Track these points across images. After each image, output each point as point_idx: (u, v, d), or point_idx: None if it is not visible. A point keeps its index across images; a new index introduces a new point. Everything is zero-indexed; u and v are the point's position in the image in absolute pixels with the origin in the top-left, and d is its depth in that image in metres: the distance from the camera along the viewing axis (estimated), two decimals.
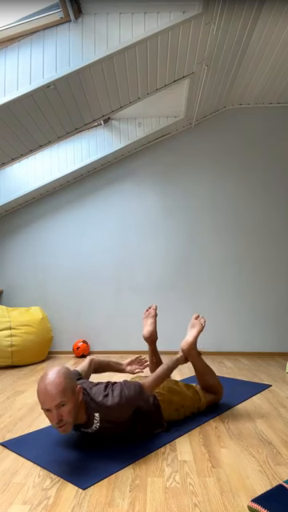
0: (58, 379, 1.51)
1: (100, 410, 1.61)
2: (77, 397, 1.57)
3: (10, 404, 2.42)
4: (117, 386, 1.68)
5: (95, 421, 1.62)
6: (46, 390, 1.48)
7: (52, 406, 1.48)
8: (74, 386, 1.57)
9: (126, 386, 1.68)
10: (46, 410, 1.51)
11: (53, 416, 1.49)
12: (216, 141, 4.34)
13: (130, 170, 4.36)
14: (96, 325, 4.24)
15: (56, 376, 1.52)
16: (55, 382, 1.50)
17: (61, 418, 1.50)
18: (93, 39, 2.53)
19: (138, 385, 1.71)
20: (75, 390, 1.56)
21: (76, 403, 1.55)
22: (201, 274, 4.22)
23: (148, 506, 1.26)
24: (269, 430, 1.93)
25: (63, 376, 1.53)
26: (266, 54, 3.32)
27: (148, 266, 4.26)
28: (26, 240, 4.38)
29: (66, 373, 1.56)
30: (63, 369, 1.58)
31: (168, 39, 2.67)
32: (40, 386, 1.51)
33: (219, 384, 2.24)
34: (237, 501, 1.28)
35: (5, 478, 1.48)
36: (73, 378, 1.59)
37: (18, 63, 2.54)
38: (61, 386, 1.49)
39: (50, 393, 1.48)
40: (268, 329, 4.11)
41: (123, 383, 1.70)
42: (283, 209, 4.23)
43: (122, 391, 1.64)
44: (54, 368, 1.58)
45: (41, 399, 1.50)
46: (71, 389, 1.54)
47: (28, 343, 3.60)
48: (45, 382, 1.51)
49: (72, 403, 1.52)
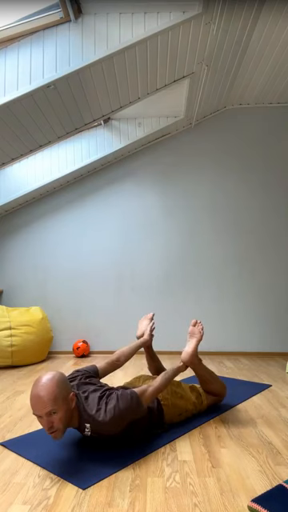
0: (50, 387, 1.49)
1: (91, 422, 1.58)
2: (69, 404, 1.54)
3: (10, 404, 2.42)
4: (112, 399, 1.61)
5: (86, 429, 1.60)
6: (37, 397, 1.47)
7: (43, 414, 1.47)
8: (67, 394, 1.54)
9: (122, 399, 1.60)
10: (37, 416, 1.50)
11: (43, 422, 1.49)
12: (216, 141, 4.34)
13: (130, 170, 4.36)
14: (96, 325, 4.24)
15: (49, 383, 1.50)
16: (48, 389, 1.48)
17: (51, 424, 1.49)
18: (93, 39, 2.53)
19: (135, 396, 1.64)
20: (67, 398, 1.54)
21: (68, 410, 1.53)
22: (201, 274, 4.22)
23: (148, 505, 1.26)
24: (269, 430, 1.93)
25: (56, 384, 1.51)
26: (265, 54, 3.32)
27: (148, 266, 4.26)
28: (25, 240, 4.38)
29: (60, 380, 1.54)
30: (57, 375, 1.55)
31: (168, 39, 2.67)
32: (32, 392, 1.50)
33: (222, 386, 2.22)
34: (237, 501, 1.28)
35: (5, 478, 1.48)
36: (66, 385, 1.56)
37: (18, 63, 2.54)
38: (52, 395, 1.48)
39: (41, 400, 1.47)
40: (268, 329, 4.11)
41: (119, 394, 1.62)
42: (283, 209, 4.23)
43: (116, 406, 1.57)
44: (47, 374, 1.55)
45: (32, 405, 1.49)
46: (63, 397, 1.51)
47: (28, 343, 3.60)
48: (37, 388, 1.49)
49: (63, 411, 1.51)
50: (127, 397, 1.62)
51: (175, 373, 1.95)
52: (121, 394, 1.64)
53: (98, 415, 1.57)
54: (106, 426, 1.57)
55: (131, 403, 1.61)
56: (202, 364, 2.15)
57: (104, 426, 1.57)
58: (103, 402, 1.61)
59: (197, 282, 4.21)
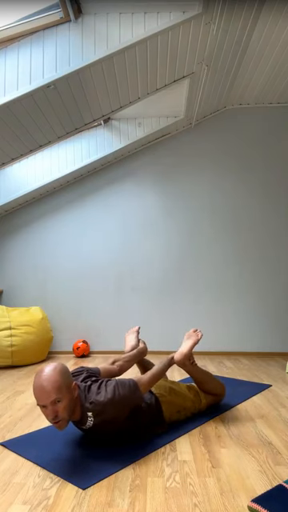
0: (53, 376, 1.52)
1: (93, 408, 1.60)
2: (72, 393, 1.57)
3: (10, 404, 2.42)
4: (111, 383, 1.68)
5: (89, 419, 1.62)
6: (41, 387, 1.50)
7: (47, 403, 1.49)
8: (70, 383, 1.58)
9: (120, 383, 1.67)
10: (41, 406, 1.52)
11: (48, 412, 1.51)
12: (216, 141, 4.34)
13: (130, 170, 4.36)
14: (96, 325, 4.24)
15: (52, 373, 1.53)
16: (51, 378, 1.51)
17: (56, 414, 1.51)
18: (93, 39, 2.53)
19: (132, 383, 1.70)
20: (70, 387, 1.57)
21: (71, 399, 1.56)
22: (201, 274, 4.22)
23: (148, 505, 1.26)
24: (269, 430, 1.93)
25: (59, 373, 1.54)
26: (265, 54, 3.32)
27: (148, 266, 4.26)
28: (26, 240, 4.38)
29: (62, 370, 1.57)
30: (59, 366, 1.59)
31: (168, 39, 2.67)
32: (36, 382, 1.52)
33: (220, 386, 2.22)
34: (237, 501, 1.28)
35: (5, 478, 1.48)
36: (68, 374, 1.60)
37: (18, 63, 2.54)
38: (56, 383, 1.51)
39: (45, 389, 1.49)
40: (268, 329, 4.11)
41: (118, 380, 1.70)
42: (283, 209, 4.23)
43: (116, 388, 1.64)
44: (50, 365, 1.59)
45: (36, 395, 1.51)
46: (66, 385, 1.55)
47: (28, 343, 3.60)
48: (40, 378, 1.52)
49: (67, 400, 1.53)
50: (125, 382, 1.69)
51: (170, 362, 2.00)
52: (119, 380, 1.71)
53: (99, 397, 1.61)
54: (108, 407, 1.59)
55: (129, 387, 1.67)
56: (196, 366, 2.13)
57: (106, 408, 1.59)
58: (103, 386, 1.67)
59: (197, 282, 4.21)
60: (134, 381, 1.72)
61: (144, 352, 2.32)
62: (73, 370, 1.90)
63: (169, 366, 1.98)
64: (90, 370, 1.93)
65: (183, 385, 2.16)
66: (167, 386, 2.05)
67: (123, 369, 2.15)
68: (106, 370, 2.07)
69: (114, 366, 2.12)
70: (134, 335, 2.45)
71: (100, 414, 1.60)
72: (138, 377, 1.80)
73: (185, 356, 2.07)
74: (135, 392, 1.68)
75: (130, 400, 1.65)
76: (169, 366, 1.98)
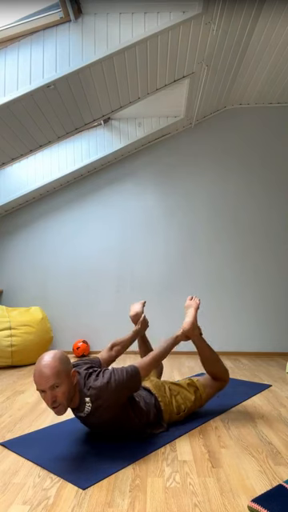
0: (53, 362, 1.55)
1: (90, 393, 1.62)
2: (71, 380, 1.60)
3: (9, 404, 2.42)
4: (108, 370, 1.70)
5: (87, 405, 1.63)
6: (41, 372, 1.53)
7: (46, 387, 1.52)
8: (69, 370, 1.61)
9: (118, 369, 1.69)
10: (41, 391, 1.55)
11: (47, 397, 1.54)
12: (216, 141, 4.34)
13: (130, 170, 4.36)
14: (96, 325, 4.24)
15: (51, 359, 1.57)
16: (50, 364, 1.54)
17: (54, 399, 1.54)
18: (93, 39, 2.53)
19: (131, 367, 1.71)
20: (69, 373, 1.60)
21: (70, 386, 1.59)
22: (201, 274, 4.22)
23: (148, 506, 1.26)
24: (269, 430, 1.93)
25: (58, 359, 1.58)
26: (265, 54, 3.32)
27: (148, 266, 4.26)
28: (25, 240, 4.38)
29: (62, 357, 1.61)
30: (59, 353, 1.62)
31: (168, 39, 2.67)
32: (36, 367, 1.56)
33: (225, 370, 2.16)
34: (237, 501, 1.28)
35: (5, 478, 1.48)
36: (68, 361, 1.63)
37: (17, 63, 2.54)
38: (55, 369, 1.54)
39: (44, 374, 1.52)
40: (268, 329, 4.11)
41: (115, 367, 1.72)
42: (283, 208, 4.23)
43: (112, 373, 1.67)
44: (50, 352, 1.62)
45: (36, 380, 1.54)
46: (65, 372, 1.57)
47: (28, 343, 3.60)
48: (40, 364, 1.56)
49: (66, 385, 1.56)
50: (123, 368, 1.71)
51: (174, 341, 2.00)
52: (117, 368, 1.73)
53: (96, 382, 1.63)
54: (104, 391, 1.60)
55: (127, 372, 1.68)
56: (203, 338, 2.13)
57: (102, 392, 1.60)
58: (101, 373, 1.70)
59: (196, 282, 4.21)
60: (134, 365, 1.74)
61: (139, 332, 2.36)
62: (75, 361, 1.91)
63: (173, 344, 1.98)
64: (92, 361, 1.96)
65: (183, 381, 2.13)
66: (167, 387, 2.05)
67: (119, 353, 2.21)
68: (105, 359, 2.11)
69: (112, 351, 2.18)
70: (140, 305, 2.47)
71: (97, 398, 1.61)
72: (139, 361, 1.80)
73: (192, 324, 2.08)
74: (134, 376, 1.69)
75: (126, 383, 1.65)
76: (173, 344, 1.98)
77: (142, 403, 1.84)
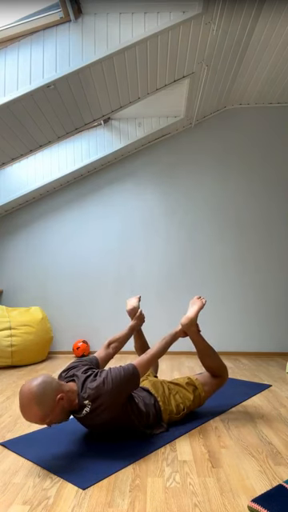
0: (32, 409, 1.49)
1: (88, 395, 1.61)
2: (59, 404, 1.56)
3: (9, 404, 2.42)
4: (105, 371, 1.70)
5: (86, 408, 1.63)
6: (25, 418, 1.52)
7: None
8: (53, 401, 1.53)
9: (115, 368, 1.69)
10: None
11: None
12: (216, 141, 4.34)
13: (130, 170, 4.36)
14: (96, 325, 4.24)
15: (29, 407, 1.49)
16: (31, 412, 1.50)
17: (49, 425, 1.57)
18: (93, 39, 2.53)
19: (128, 365, 1.72)
20: (54, 403, 1.54)
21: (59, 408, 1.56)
22: (201, 274, 4.22)
23: (148, 506, 1.26)
24: (269, 430, 1.93)
25: (36, 403, 1.48)
26: (265, 54, 3.32)
27: (148, 266, 4.26)
28: (26, 240, 4.38)
29: (39, 394, 1.49)
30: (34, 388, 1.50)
31: (168, 39, 2.67)
32: (20, 410, 1.53)
33: (224, 367, 2.15)
34: (237, 501, 1.28)
35: (5, 478, 1.48)
36: (49, 393, 1.53)
37: (17, 63, 2.54)
38: (37, 416, 1.50)
39: (30, 420, 1.53)
40: (268, 329, 4.11)
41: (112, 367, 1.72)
42: (284, 208, 4.23)
43: (108, 372, 1.67)
44: (24, 391, 1.51)
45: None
46: (49, 407, 1.52)
47: (28, 343, 3.60)
48: (20, 408, 1.52)
49: (54, 414, 1.55)
50: (121, 367, 1.71)
51: (173, 338, 2.00)
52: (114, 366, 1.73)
53: (94, 383, 1.63)
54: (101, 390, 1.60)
55: (123, 370, 1.68)
56: (200, 335, 2.14)
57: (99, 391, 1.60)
58: (98, 373, 1.70)
59: (197, 282, 4.21)
60: (132, 363, 1.74)
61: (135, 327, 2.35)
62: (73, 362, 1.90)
63: (172, 340, 1.98)
64: (90, 361, 1.95)
65: (182, 380, 2.12)
66: (165, 386, 2.04)
67: (117, 350, 2.20)
68: (103, 358, 2.11)
69: (110, 349, 2.17)
70: (136, 300, 2.48)
71: (95, 398, 1.60)
72: (137, 359, 1.81)
73: (191, 320, 2.09)
74: (131, 373, 1.69)
75: (124, 380, 1.65)
76: (172, 340, 1.98)
77: (142, 404, 1.84)
